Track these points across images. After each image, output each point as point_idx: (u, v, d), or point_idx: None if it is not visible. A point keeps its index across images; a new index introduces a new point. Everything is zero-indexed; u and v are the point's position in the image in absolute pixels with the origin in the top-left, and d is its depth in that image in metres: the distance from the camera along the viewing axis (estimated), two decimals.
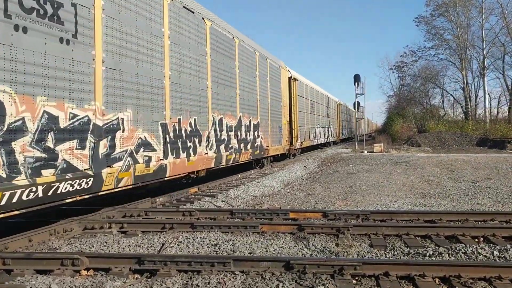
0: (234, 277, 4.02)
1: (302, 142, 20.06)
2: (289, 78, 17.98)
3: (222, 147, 10.19)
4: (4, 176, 4.42)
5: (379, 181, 11.26)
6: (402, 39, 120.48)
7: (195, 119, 8.76)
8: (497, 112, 37.06)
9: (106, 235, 5.79)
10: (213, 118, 9.69)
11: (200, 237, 5.45)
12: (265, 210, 7.03)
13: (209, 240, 5.33)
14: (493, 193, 9.16)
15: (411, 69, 45.73)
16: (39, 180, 4.79)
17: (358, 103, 31.43)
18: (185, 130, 8.33)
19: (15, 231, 5.57)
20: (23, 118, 4.66)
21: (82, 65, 5.55)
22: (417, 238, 5.43)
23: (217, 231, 5.77)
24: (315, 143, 24.66)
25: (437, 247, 4.90)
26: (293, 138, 18.14)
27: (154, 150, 7.24)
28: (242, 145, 11.69)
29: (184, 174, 8.68)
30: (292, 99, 18.19)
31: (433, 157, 17.85)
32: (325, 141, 28.34)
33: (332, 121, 31.75)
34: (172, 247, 5.13)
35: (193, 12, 8.90)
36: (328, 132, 29.67)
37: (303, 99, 20.95)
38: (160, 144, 7.43)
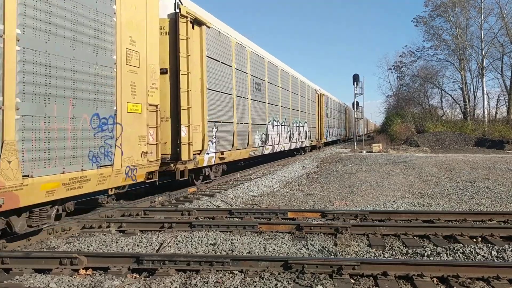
0: (233, 277, 4.02)
1: (223, 153, 10.46)
2: (175, 14, 8.45)
3: None
4: None
5: (378, 181, 11.27)
6: (401, 39, 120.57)
7: None
8: (496, 113, 37.14)
9: (104, 234, 5.79)
10: None
11: (198, 237, 5.45)
12: (263, 209, 7.03)
13: (208, 240, 5.33)
14: (491, 193, 9.17)
15: (410, 69, 45.87)
16: None
17: (357, 102, 31.46)
18: None
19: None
20: None
21: None
22: (415, 238, 5.44)
23: (215, 231, 5.77)
24: (266, 152, 14.58)
25: (435, 247, 4.91)
26: (187, 146, 8.43)
27: None
28: None
29: None
30: (182, 59, 8.47)
31: (432, 157, 17.87)
32: (292, 147, 18.82)
33: (307, 117, 22.36)
34: (170, 246, 5.13)
35: None
36: (300, 133, 20.40)
37: (226, 68, 10.81)
38: None
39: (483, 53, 33.77)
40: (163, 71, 8.14)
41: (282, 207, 7.94)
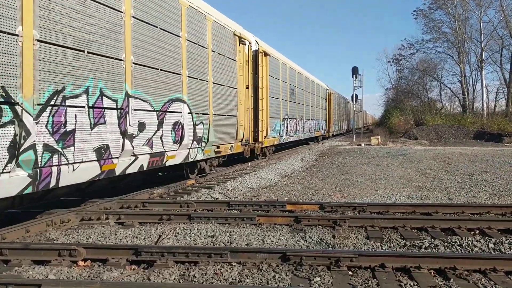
0: (231, 268, 4.03)
1: None
2: None
3: None
4: None
5: (376, 173, 11.29)
6: (401, 32, 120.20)
7: None
8: (495, 106, 37.24)
9: (103, 226, 5.79)
10: None
11: (197, 229, 5.46)
12: (262, 202, 7.04)
13: (206, 232, 5.34)
14: (489, 186, 9.20)
15: (409, 62, 45.73)
16: None
17: (356, 95, 31.43)
18: None
19: (12, 222, 5.57)
20: None
21: None
22: (413, 230, 5.45)
23: (214, 223, 5.78)
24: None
25: (433, 240, 4.93)
26: None
27: None
28: None
29: None
30: None
31: (430, 150, 17.89)
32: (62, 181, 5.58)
33: (199, 88, 9.29)
34: (169, 238, 5.15)
35: None
36: (133, 133, 6.84)
37: None
38: None
39: (482, 46, 33.69)
40: None
41: (280, 199, 7.95)
